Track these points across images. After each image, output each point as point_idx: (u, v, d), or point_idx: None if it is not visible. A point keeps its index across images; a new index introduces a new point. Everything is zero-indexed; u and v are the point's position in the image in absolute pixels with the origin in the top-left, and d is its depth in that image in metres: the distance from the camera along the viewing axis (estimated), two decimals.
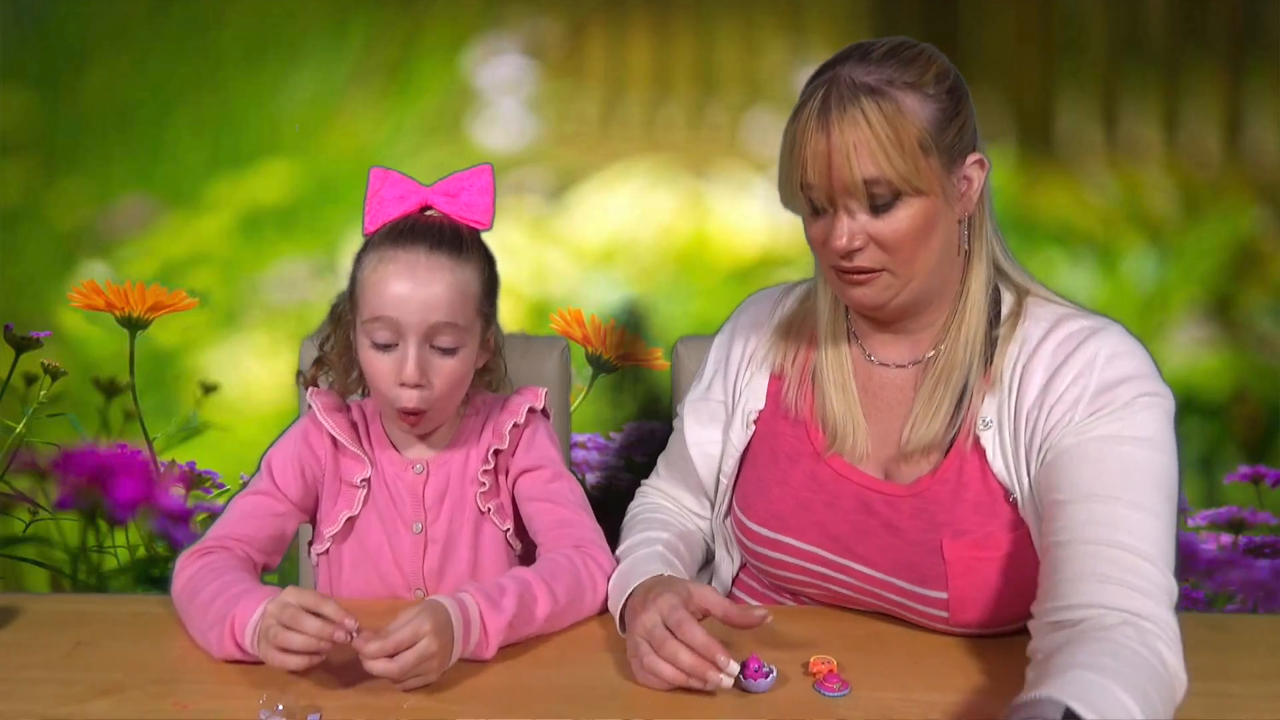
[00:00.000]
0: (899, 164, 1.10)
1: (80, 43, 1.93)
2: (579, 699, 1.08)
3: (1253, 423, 1.94)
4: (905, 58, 1.13)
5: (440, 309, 1.21)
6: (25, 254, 1.97)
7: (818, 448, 1.26)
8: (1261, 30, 1.87)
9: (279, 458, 1.32)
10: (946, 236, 1.16)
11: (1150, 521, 1.06)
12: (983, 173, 1.17)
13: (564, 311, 1.94)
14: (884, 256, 1.14)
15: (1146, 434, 1.10)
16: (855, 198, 1.12)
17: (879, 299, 1.18)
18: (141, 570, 2.00)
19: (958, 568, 1.16)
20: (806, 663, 1.13)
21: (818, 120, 1.11)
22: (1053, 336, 1.17)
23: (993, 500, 1.16)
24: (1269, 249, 1.91)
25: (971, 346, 1.19)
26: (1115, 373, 1.12)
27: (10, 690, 1.09)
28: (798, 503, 1.26)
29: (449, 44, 1.92)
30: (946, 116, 1.13)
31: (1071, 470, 1.10)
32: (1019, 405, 1.16)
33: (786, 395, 1.29)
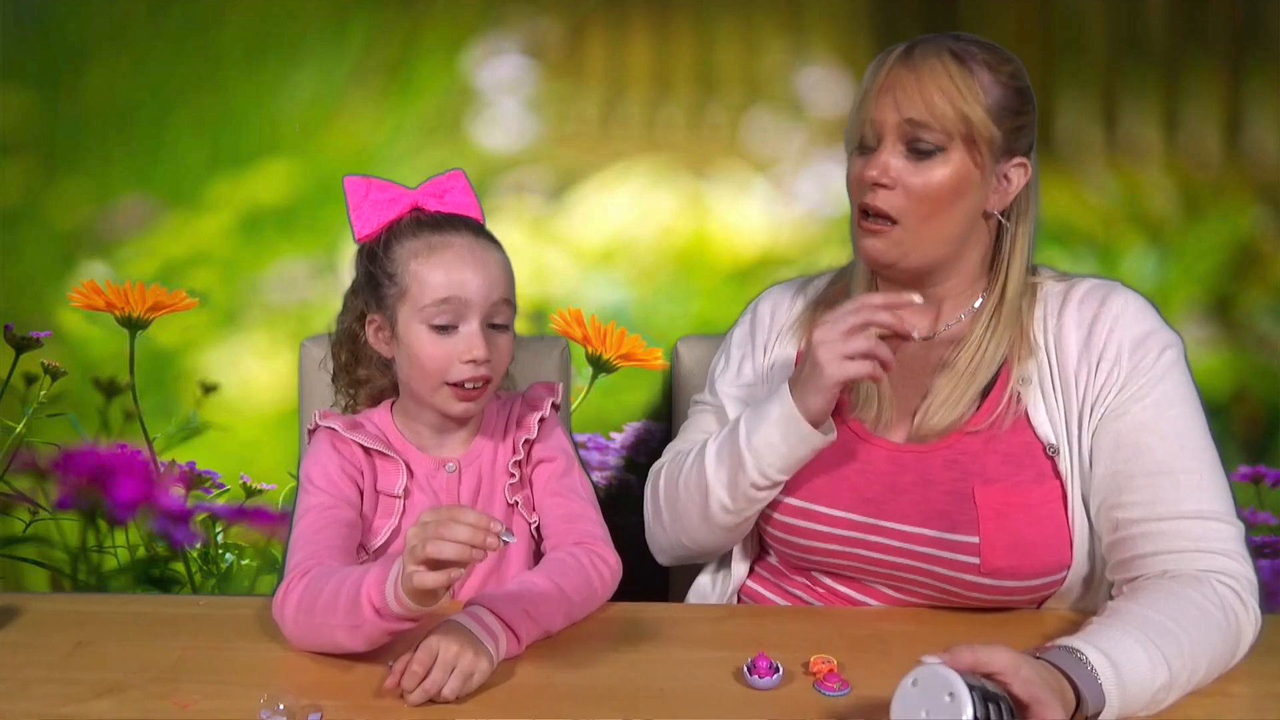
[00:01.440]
0: (961, 113, 1.17)
1: (80, 43, 1.93)
2: (579, 699, 1.08)
3: (1253, 423, 1.94)
4: (990, 46, 1.23)
5: (499, 286, 1.26)
6: (25, 254, 1.97)
7: (843, 414, 1.30)
8: (1261, 30, 1.87)
9: (319, 469, 1.28)
10: (968, 213, 1.22)
11: (1208, 478, 1.17)
12: (1024, 178, 1.24)
13: (564, 311, 1.94)
14: (903, 204, 1.20)
15: (1182, 393, 1.21)
16: (903, 139, 1.19)
17: (888, 254, 1.23)
18: (141, 570, 2.00)
19: (988, 511, 1.20)
20: (807, 662, 1.13)
21: (900, 58, 1.21)
22: (1073, 294, 1.25)
23: (1026, 453, 1.22)
24: (1269, 249, 1.91)
25: (1004, 346, 1.25)
26: (1140, 327, 1.22)
27: (10, 690, 1.09)
28: (828, 471, 1.28)
29: (449, 44, 1.92)
30: (1010, 107, 1.21)
31: (1131, 444, 1.19)
32: (1062, 363, 1.23)
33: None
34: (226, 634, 1.22)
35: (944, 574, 1.23)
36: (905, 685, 0.93)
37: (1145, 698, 1.02)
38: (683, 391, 1.69)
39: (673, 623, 1.25)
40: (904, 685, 0.93)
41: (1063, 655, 1.00)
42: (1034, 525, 1.21)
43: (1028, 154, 1.25)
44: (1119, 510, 1.18)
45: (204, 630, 1.23)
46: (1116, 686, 0.99)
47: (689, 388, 1.67)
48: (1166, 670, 1.03)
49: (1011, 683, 0.93)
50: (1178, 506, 1.16)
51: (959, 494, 1.22)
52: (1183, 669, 1.04)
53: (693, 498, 1.30)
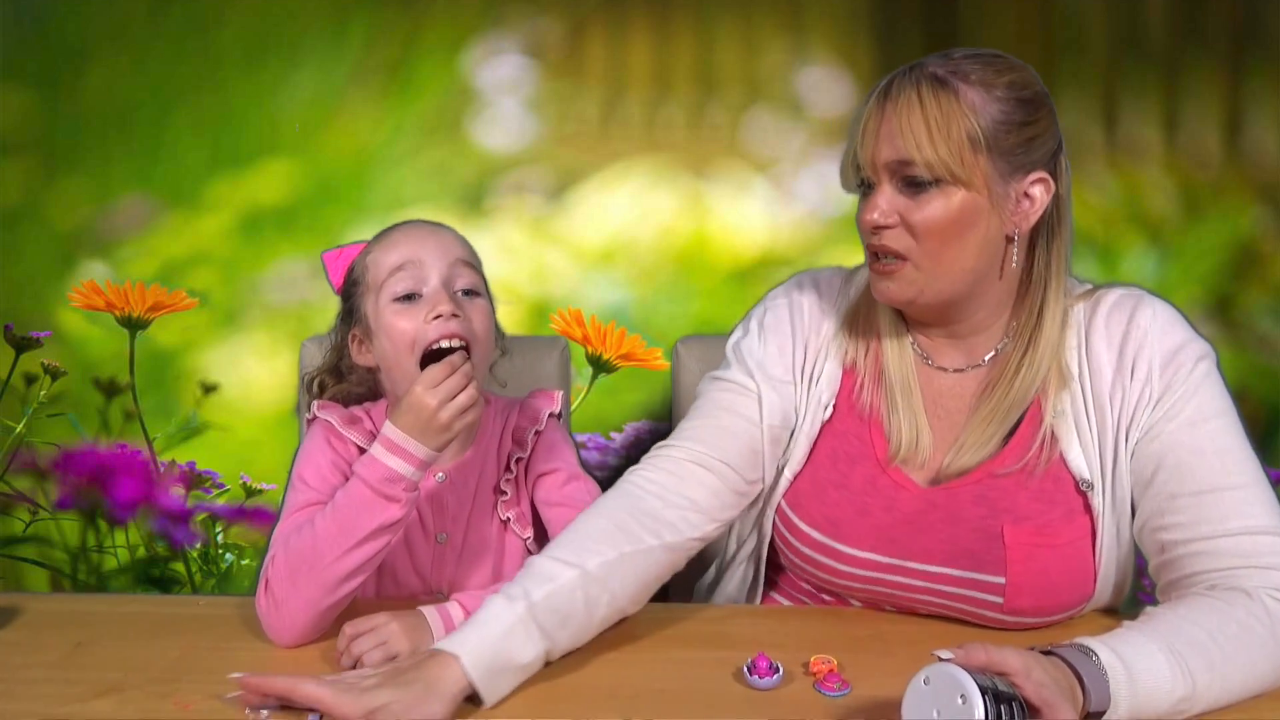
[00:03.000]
0: (940, 148, 1.11)
1: (80, 43, 1.93)
2: (579, 699, 1.08)
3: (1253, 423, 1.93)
4: (984, 59, 1.15)
5: (454, 248, 1.26)
6: (25, 254, 1.97)
7: (879, 455, 1.24)
8: (1261, 30, 1.87)
9: (311, 467, 1.28)
10: (983, 241, 1.15)
11: (1253, 492, 1.14)
12: (1047, 195, 1.16)
13: (564, 311, 1.94)
14: (910, 242, 1.15)
15: (1218, 405, 1.17)
16: (896, 177, 1.14)
17: (902, 294, 1.18)
18: (141, 570, 2.00)
19: (1017, 553, 1.17)
20: (807, 662, 1.13)
21: (877, 98, 1.15)
22: (1099, 312, 1.20)
23: (1057, 488, 1.19)
24: (1269, 249, 1.91)
25: (1040, 378, 1.19)
26: (1171, 340, 1.18)
27: (10, 690, 1.09)
28: (856, 508, 1.24)
29: (449, 44, 1.92)
30: (1011, 121, 1.13)
31: (1172, 464, 1.15)
32: (1097, 389, 1.19)
33: (860, 394, 1.26)
34: (226, 634, 1.22)
35: (965, 609, 1.21)
36: (917, 682, 0.92)
37: (1163, 706, 1.00)
38: (683, 391, 1.69)
39: (673, 623, 1.25)
40: (916, 682, 0.92)
41: (1074, 652, 0.99)
42: (1060, 565, 1.18)
43: (1049, 166, 1.17)
44: (1164, 532, 1.15)
45: (204, 630, 1.22)
46: (1127, 690, 0.98)
47: (689, 388, 1.67)
48: (1190, 682, 1.01)
49: (1023, 685, 0.92)
50: (1224, 525, 1.12)
51: (987, 532, 1.19)
52: (1210, 684, 1.02)
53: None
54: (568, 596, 1.11)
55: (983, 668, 0.92)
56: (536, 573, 1.11)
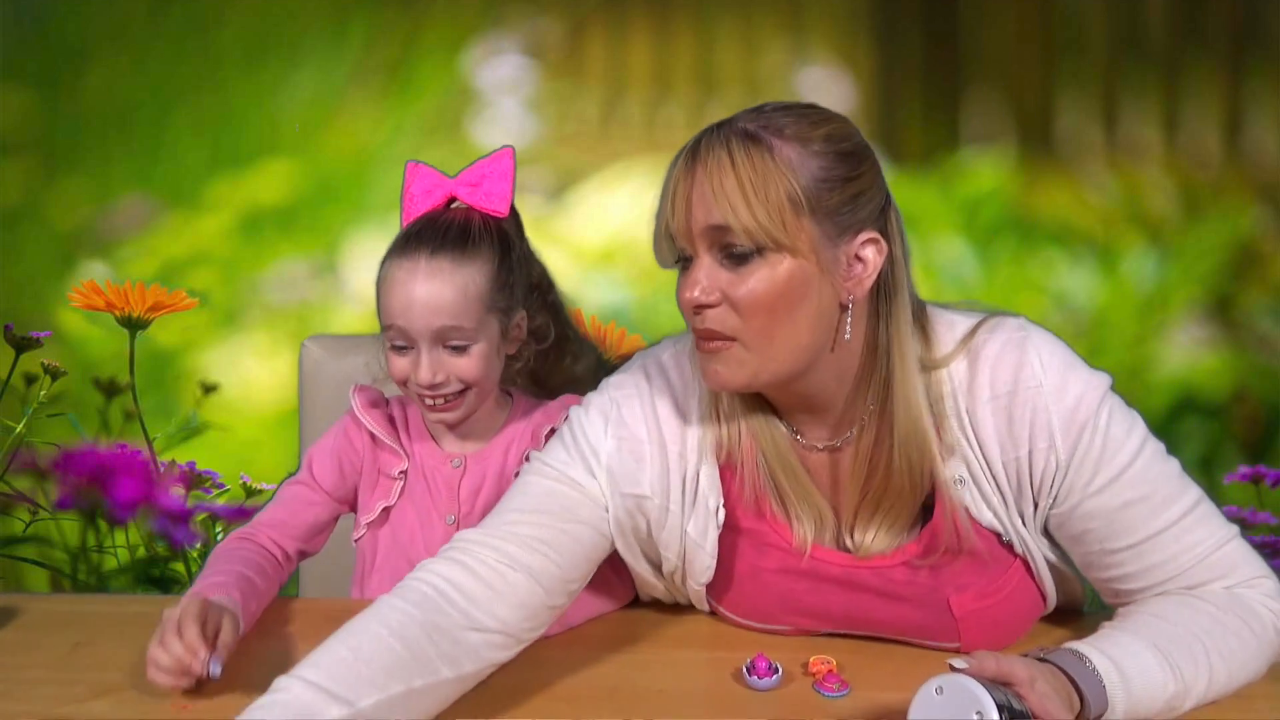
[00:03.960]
0: (759, 213, 1.00)
1: (80, 43, 1.93)
2: (579, 699, 1.08)
3: (1253, 423, 1.94)
4: (798, 113, 1.04)
5: (443, 313, 1.24)
6: (25, 254, 1.97)
7: (787, 542, 1.14)
8: (1261, 30, 1.87)
9: (319, 451, 1.36)
10: (819, 315, 1.04)
11: (1190, 517, 1.08)
12: (880, 257, 1.04)
13: None
14: (737, 321, 1.03)
15: (1130, 446, 1.07)
16: (714, 247, 1.02)
17: (734, 378, 1.05)
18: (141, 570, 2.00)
19: (968, 620, 1.13)
20: (806, 663, 1.13)
21: (685, 160, 1.05)
22: (980, 371, 1.08)
23: (986, 546, 1.12)
24: (1269, 249, 1.91)
25: (915, 451, 1.09)
26: (1065, 399, 1.06)
27: (10, 690, 1.09)
28: (778, 597, 1.17)
29: (449, 44, 1.92)
30: (833, 178, 1.02)
31: (1101, 526, 1.08)
32: (987, 458, 1.09)
33: (745, 490, 1.14)
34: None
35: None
36: (929, 690, 0.90)
37: (1157, 704, 1.00)
38: None
39: (673, 623, 1.25)
40: (927, 690, 0.90)
41: (1068, 658, 0.99)
42: (1011, 610, 1.14)
43: (879, 224, 1.05)
44: (1114, 582, 1.11)
45: None
46: (1123, 692, 0.98)
47: None
48: (1180, 678, 1.01)
49: (1027, 696, 0.91)
50: (1175, 563, 1.08)
51: (932, 605, 1.12)
52: (1197, 678, 1.02)
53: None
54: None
55: (993, 677, 0.92)
56: (289, 708, 0.93)
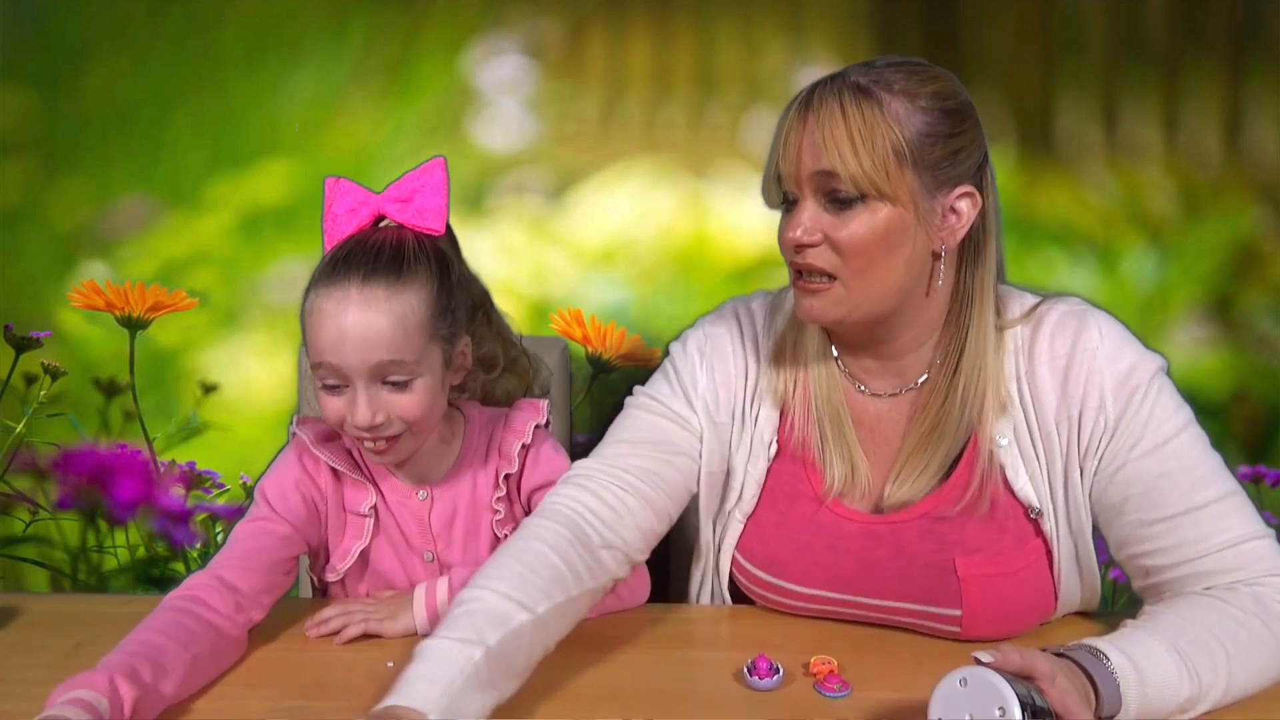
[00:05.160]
0: (865, 162, 1.07)
1: (80, 43, 1.93)
2: (579, 699, 1.08)
3: (1253, 423, 1.94)
4: (908, 69, 1.11)
5: (380, 347, 1.14)
6: (25, 254, 1.97)
7: (815, 490, 1.22)
8: (1261, 30, 1.86)
9: (274, 484, 1.25)
10: (911, 258, 1.11)
11: (1228, 502, 1.11)
12: (974, 210, 1.12)
13: (564, 311, 1.94)
14: (836, 260, 1.10)
15: (1177, 421, 1.13)
16: (819, 191, 1.09)
17: (828, 313, 1.13)
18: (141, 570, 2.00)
19: (971, 585, 1.15)
20: (807, 663, 1.13)
21: (798, 109, 1.10)
22: (1041, 335, 1.16)
23: (1007, 517, 1.16)
24: (1269, 249, 1.91)
25: (973, 400, 1.15)
26: (1120, 364, 1.13)
27: (10, 691, 1.09)
28: (797, 547, 1.21)
29: (449, 44, 1.92)
30: (936, 133, 1.09)
31: (1141, 492, 1.12)
32: (1040, 415, 1.14)
33: (793, 432, 1.23)
34: None
35: (923, 638, 1.21)
36: (952, 682, 0.91)
37: (1171, 706, 1.00)
38: None
39: (673, 623, 1.25)
40: (950, 681, 0.91)
41: (1085, 655, 0.99)
42: (1017, 591, 1.16)
43: (975, 179, 1.13)
44: (1145, 559, 1.13)
45: None
46: (1138, 691, 0.98)
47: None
48: (1197, 681, 1.01)
49: (1047, 691, 0.92)
50: (1206, 543, 1.10)
51: (939, 566, 1.16)
52: (1215, 682, 1.02)
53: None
54: (519, 643, 1.04)
55: (1016, 671, 0.92)
56: (489, 613, 1.04)
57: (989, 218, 1.15)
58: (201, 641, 1.09)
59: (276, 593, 1.20)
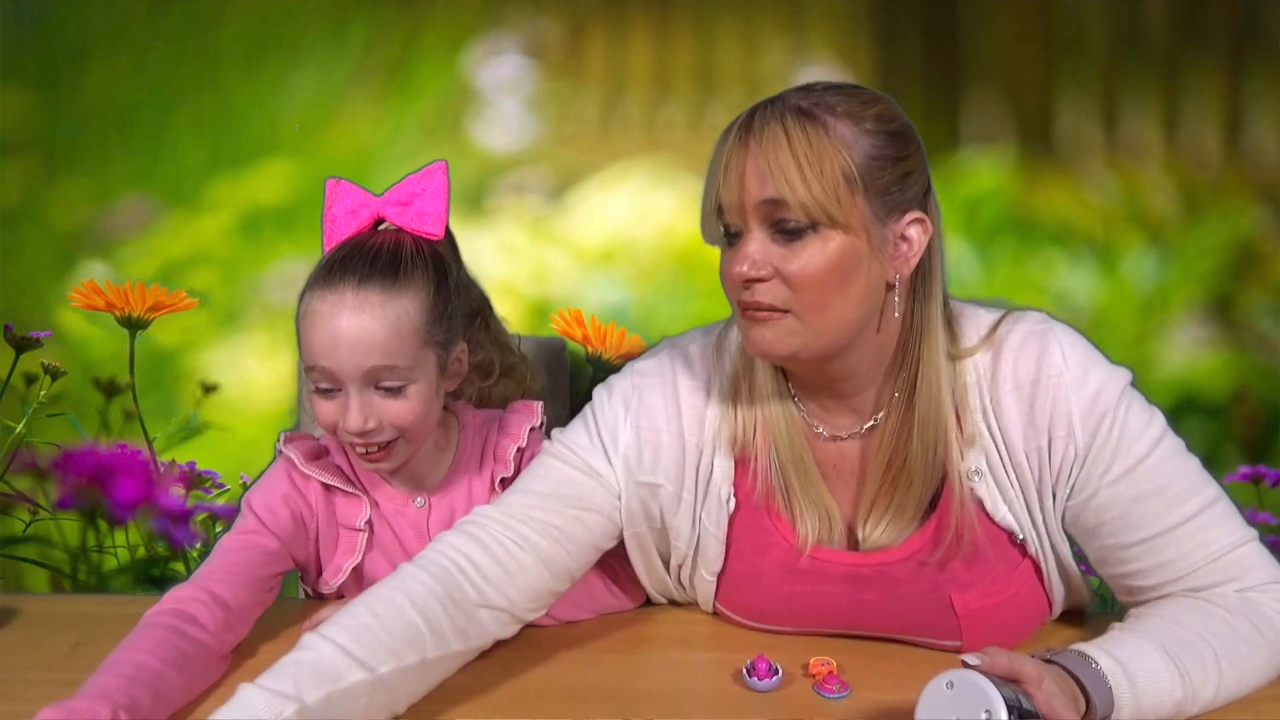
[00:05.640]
0: (815, 188, 1.01)
1: (80, 43, 1.93)
2: (579, 699, 1.08)
3: (1253, 423, 1.94)
4: (848, 93, 1.06)
5: (374, 352, 1.12)
6: (25, 254, 1.98)
7: (789, 542, 1.15)
8: (1261, 30, 1.87)
9: (262, 498, 1.22)
10: (866, 290, 1.05)
11: (1206, 515, 1.08)
12: (925, 236, 1.06)
13: (564, 311, 1.93)
14: (788, 294, 1.04)
15: (1148, 439, 1.08)
16: (766, 222, 1.03)
17: (781, 346, 1.05)
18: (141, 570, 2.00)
19: (970, 621, 1.13)
20: (806, 664, 1.13)
21: (738, 135, 1.05)
22: (1003, 359, 1.10)
23: (993, 545, 1.12)
24: (1269, 249, 1.91)
25: (932, 437, 1.10)
26: (1086, 388, 1.08)
27: (9, 691, 1.09)
28: (779, 598, 1.17)
29: (449, 44, 1.92)
30: (884, 156, 1.04)
31: (1116, 518, 1.09)
32: (1009, 449, 1.10)
33: (756, 483, 1.15)
34: None
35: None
36: (939, 685, 0.90)
37: (1164, 708, 1.00)
38: None
39: (673, 624, 1.25)
40: (937, 684, 0.90)
41: (1075, 659, 0.98)
42: (1015, 612, 1.14)
43: (923, 204, 1.07)
44: (1126, 579, 1.10)
45: None
46: (1129, 695, 0.98)
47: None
48: (1188, 683, 1.00)
49: (1034, 695, 0.91)
50: (1188, 560, 1.08)
51: (935, 603, 1.13)
52: (1205, 683, 1.01)
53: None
54: (350, 703, 0.96)
55: (1004, 674, 0.92)
56: (318, 665, 0.96)
57: (935, 247, 1.09)
58: (195, 665, 1.08)
59: (258, 611, 1.18)
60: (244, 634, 1.15)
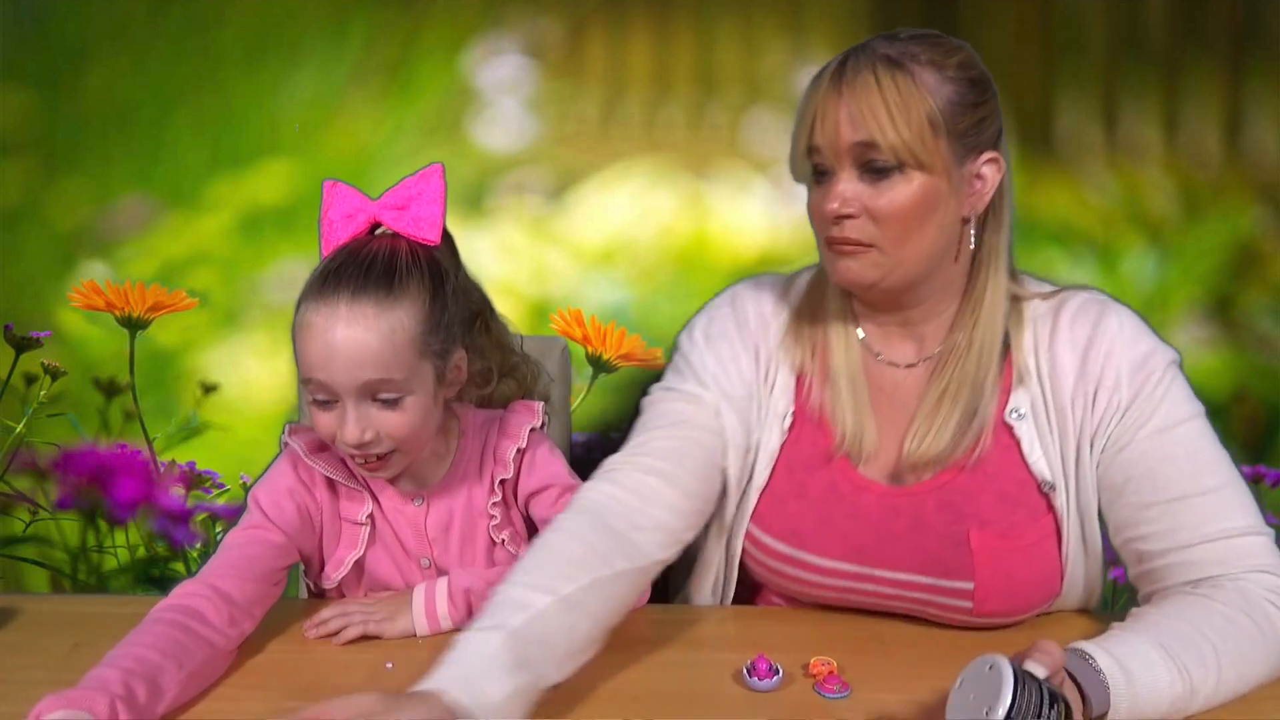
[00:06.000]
0: (904, 132, 1.10)
1: (80, 43, 1.93)
2: (579, 699, 1.08)
3: (1253, 423, 1.94)
4: (931, 40, 1.15)
5: (368, 365, 1.12)
6: (25, 254, 1.98)
7: (836, 457, 1.22)
8: (1261, 30, 1.87)
9: (268, 492, 1.23)
10: (945, 226, 1.14)
11: (1227, 494, 1.13)
12: (998, 174, 1.16)
13: (564, 311, 1.93)
14: (874, 230, 1.12)
15: (1186, 409, 1.16)
16: (856, 163, 1.12)
17: (865, 276, 1.15)
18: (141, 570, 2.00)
19: (984, 557, 1.17)
20: (807, 664, 1.13)
21: (831, 81, 1.13)
22: (1063, 315, 1.19)
23: (1020, 490, 1.18)
24: (1269, 249, 1.91)
25: (986, 359, 1.18)
26: (1138, 349, 1.16)
27: (9, 692, 1.09)
28: (818, 517, 1.22)
29: (449, 44, 1.92)
30: (965, 102, 1.13)
31: (1143, 473, 1.14)
32: (1057, 391, 1.17)
33: (810, 398, 1.24)
34: None
35: (935, 614, 1.21)
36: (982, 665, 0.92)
37: (1163, 705, 1.01)
38: None
39: (673, 624, 1.25)
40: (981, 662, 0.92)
41: (1072, 658, 0.99)
42: (1027, 567, 1.18)
43: (996, 146, 1.16)
44: (1140, 542, 1.14)
45: None
46: (1127, 692, 0.99)
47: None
48: (1187, 679, 1.01)
49: None
50: (1200, 530, 1.11)
51: (953, 538, 1.18)
52: (1205, 679, 1.03)
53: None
54: (545, 623, 1.04)
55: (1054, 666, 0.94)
56: (509, 601, 1.05)
57: (1005, 186, 1.18)
58: (196, 658, 1.08)
59: (267, 604, 1.18)
60: (250, 629, 1.15)
